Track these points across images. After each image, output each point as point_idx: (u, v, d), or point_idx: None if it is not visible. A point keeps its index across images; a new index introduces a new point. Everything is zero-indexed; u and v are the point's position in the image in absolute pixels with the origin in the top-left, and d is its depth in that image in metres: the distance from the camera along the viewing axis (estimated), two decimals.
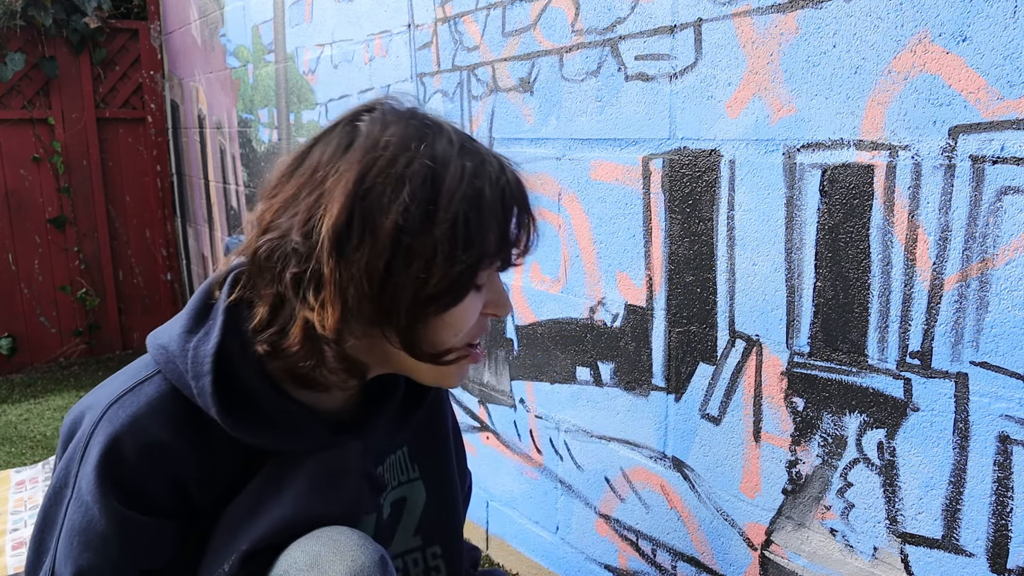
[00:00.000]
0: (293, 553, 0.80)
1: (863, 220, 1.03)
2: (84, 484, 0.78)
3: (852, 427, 1.09)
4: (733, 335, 1.24)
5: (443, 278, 0.76)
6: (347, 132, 0.80)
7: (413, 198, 0.74)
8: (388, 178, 0.75)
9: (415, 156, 0.76)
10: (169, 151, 4.01)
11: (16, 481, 2.52)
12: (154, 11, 3.85)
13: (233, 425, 0.80)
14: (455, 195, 0.75)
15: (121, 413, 0.78)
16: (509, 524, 1.86)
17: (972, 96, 0.91)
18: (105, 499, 0.77)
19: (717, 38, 1.18)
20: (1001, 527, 0.94)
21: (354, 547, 0.79)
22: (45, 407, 3.22)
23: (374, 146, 0.76)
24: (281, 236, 0.77)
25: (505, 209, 0.80)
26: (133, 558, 0.80)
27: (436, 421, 1.06)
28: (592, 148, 1.45)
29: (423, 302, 0.77)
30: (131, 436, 0.77)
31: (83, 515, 0.78)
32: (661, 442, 1.41)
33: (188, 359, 0.80)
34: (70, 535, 0.79)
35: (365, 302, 0.76)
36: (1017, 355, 0.90)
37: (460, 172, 0.77)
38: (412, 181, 0.74)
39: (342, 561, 0.78)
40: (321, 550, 0.79)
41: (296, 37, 2.52)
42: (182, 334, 0.82)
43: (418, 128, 0.79)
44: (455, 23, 1.75)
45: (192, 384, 0.79)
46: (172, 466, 0.79)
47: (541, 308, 1.64)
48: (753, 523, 1.26)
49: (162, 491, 0.80)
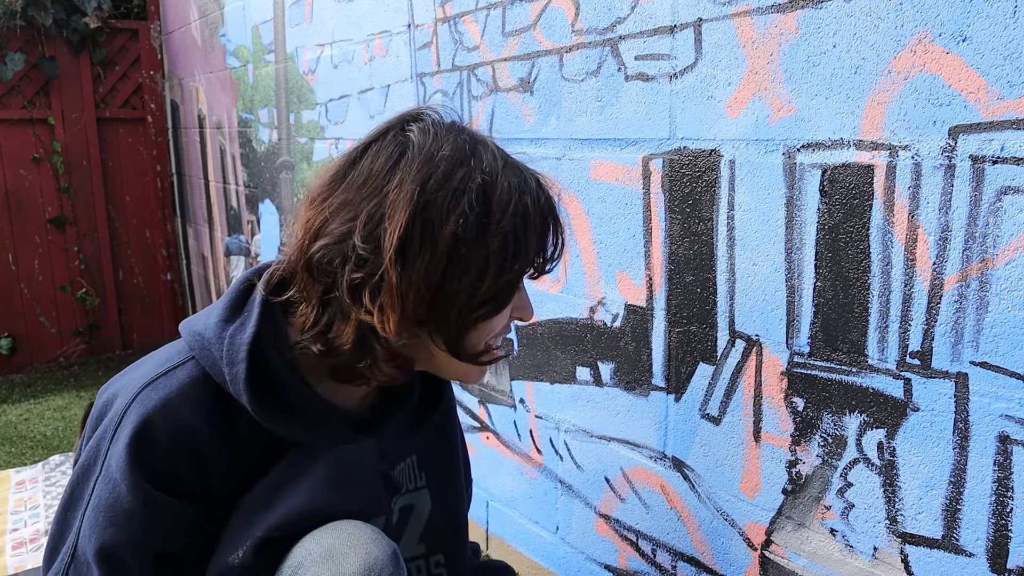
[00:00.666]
0: (308, 544, 0.81)
1: (863, 220, 1.03)
2: (114, 462, 0.80)
3: (852, 427, 1.09)
4: (733, 335, 1.24)
5: (492, 286, 0.81)
6: (398, 142, 0.83)
7: (471, 210, 0.78)
8: (447, 191, 0.79)
9: (469, 170, 0.80)
10: (169, 151, 4.01)
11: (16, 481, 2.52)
12: (154, 11, 3.85)
13: (263, 414, 0.82)
14: (507, 210, 0.80)
15: (154, 395, 0.81)
16: (509, 524, 1.86)
17: (972, 96, 0.91)
18: (133, 477, 0.79)
19: (717, 38, 1.18)
20: (1001, 527, 0.94)
21: (368, 541, 0.81)
22: (45, 407, 3.22)
23: (430, 159, 0.80)
24: (338, 242, 0.79)
25: (544, 223, 0.86)
26: (154, 538, 0.81)
27: (446, 431, 1.08)
28: (592, 148, 1.45)
29: (473, 308, 0.82)
30: (163, 418, 0.80)
31: (111, 491, 0.80)
32: (661, 442, 1.41)
33: (224, 347, 0.82)
34: (96, 510, 0.81)
35: (422, 307, 0.79)
36: (1017, 355, 0.90)
37: (509, 187, 0.82)
38: (468, 195, 0.79)
39: (356, 554, 0.79)
40: (335, 542, 0.80)
41: (296, 37, 2.52)
42: (219, 323, 0.84)
43: (468, 143, 0.83)
44: (455, 23, 1.75)
45: (226, 371, 0.82)
46: (200, 450, 0.82)
47: (541, 308, 1.64)
48: (753, 523, 1.26)
49: (188, 474, 0.82)
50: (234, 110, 3.15)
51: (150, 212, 3.99)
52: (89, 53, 3.65)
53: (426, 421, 1.02)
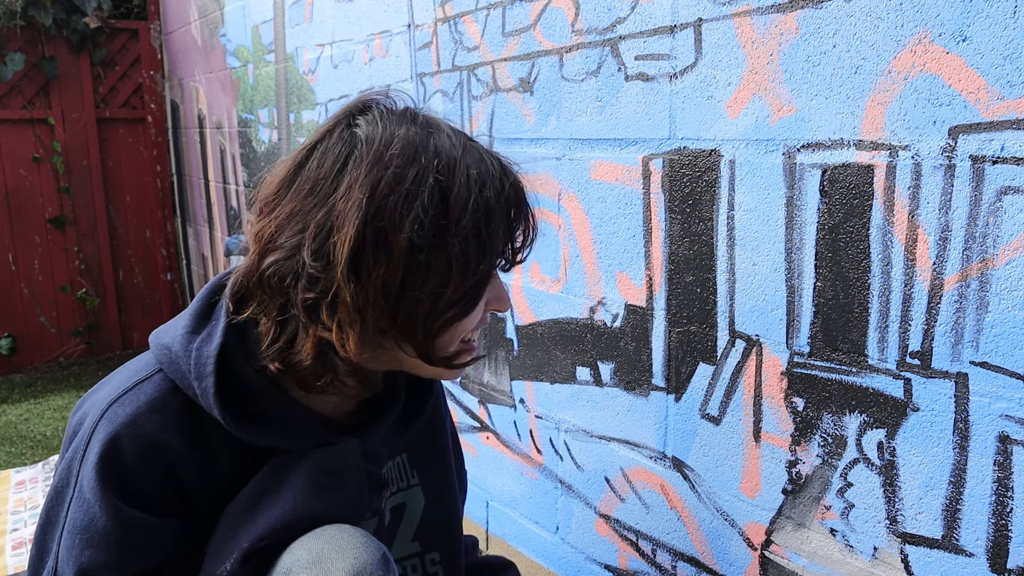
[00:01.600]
0: (296, 551, 0.80)
1: (863, 220, 1.03)
2: (85, 482, 0.78)
3: (852, 427, 1.09)
4: (733, 335, 1.24)
5: (458, 289, 0.77)
6: (345, 140, 0.78)
7: (425, 214, 0.73)
8: (399, 195, 0.74)
9: (422, 169, 0.75)
10: (169, 151, 4.01)
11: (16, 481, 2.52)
12: (154, 11, 3.85)
13: (235, 426, 0.80)
14: (466, 207, 0.75)
15: (121, 412, 0.79)
16: (509, 524, 1.86)
17: (972, 96, 0.91)
18: (106, 496, 0.77)
19: (717, 38, 1.18)
20: (1001, 527, 0.94)
21: (357, 545, 0.79)
22: (45, 407, 3.22)
23: (379, 160, 0.75)
24: (288, 257, 0.76)
25: (510, 213, 0.80)
26: (134, 556, 0.80)
27: (435, 428, 1.06)
28: (592, 148, 1.45)
29: (440, 313, 0.78)
30: (130, 435, 0.78)
31: (84, 513, 0.78)
32: (661, 442, 1.41)
33: (191, 360, 0.80)
34: (72, 533, 0.79)
35: (383, 319, 0.76)
36: (1017, 355, 0.90)
37: (467, 182, 0.76)
38: (422, 197, 0.74)
39: (344, 559, 0.78)
40: (324, 547, 0.79)
41: (296, 37, 2.52)
42: (185, 335, 0.82)
43: (419, 135, 0.77)
44: (455, 23, 1.75)
45: (195, 385, 0.79)
46: (171, 464, 0.80)
47: (541, 308, 1.64)
48: (753, 523, 1.26)
49: (161, 489, 0.80)
50: (234, 110, 3.15)
51: (150, 212, 3.99)
52: (89, 53, 3.65)
53: (415, 419, 0.99)
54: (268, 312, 0.79)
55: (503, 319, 1.75)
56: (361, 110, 0.81)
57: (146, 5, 3.83)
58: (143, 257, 3.99)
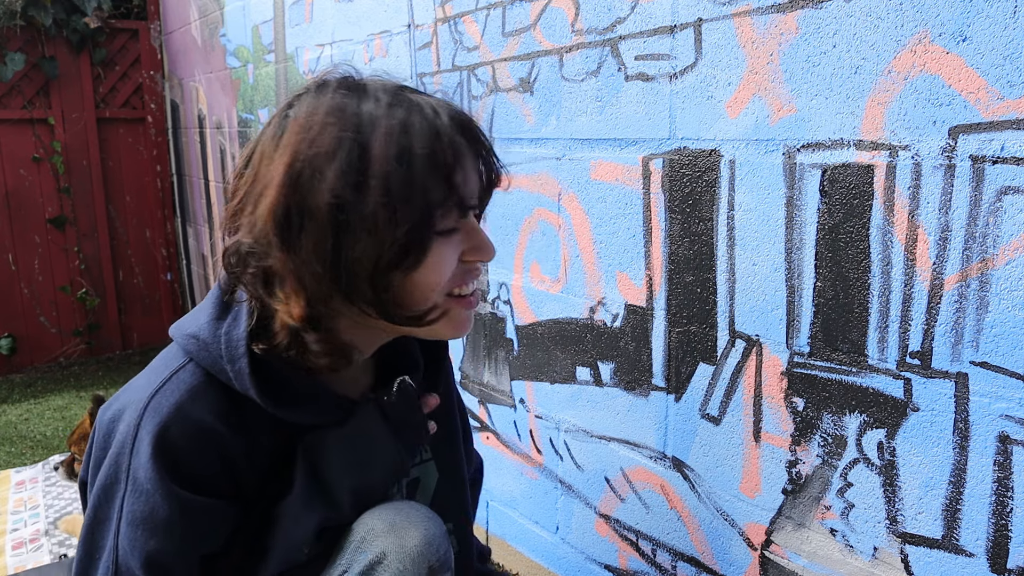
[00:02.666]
0: (369, 520, 0.87)
1: (863, 220, 1.03)
2: (141, 474, 0.79)
3: (852, 427, 1.09)
4: (733, 335, 1.24)
5: (393, 243, 0.75)
6: (281, 121, 0.80)
7: (340, 173, 0.73)
8: (315, 159, 0.74)
9: (339, 130, 0.75)
10: (169, 151, 4.01)
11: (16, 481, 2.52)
12: (154, 11, 3.85)
13: (272, 404, 0.82)
14: (382, 159, 0.74)
15: (164, 402, 0.80)
16: (509, 524, 1.86)
17: (972, 96, 0.91)
18: (164, 484, 0.79)
19: (717, 38, 1.18)
20: (1001, 527, 0.94)
21: (425, 518, 0.88)
22: (45, 407, 3.22)
23: (299, 130, 0.76)
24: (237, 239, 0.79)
25: (444, 156, 0.77)
26: (196, 540, 0.82)
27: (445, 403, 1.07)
28: (592, 148, 1.45)
29: (383, 270, 0.77)
30: (179, 422, 0.80)
31: (144, 503, 0.80)
32: (661, 442, 1.41)
33: (222, 344, 0.81)
34: (133, 525, 0.80)
35: (325, 283, 0.76)
36: (1017, 355, 0.90)
37: (386, 134, 0.75)
38: (339, 156, 0.74)
39: (417, 528, 0.86)
40: (396, 517, 0.87)
41: (296, 37, 2.52)
42: (211, 322, 0.84)
43: (340, 100, 0.77)
44: (455, 23, 1.75)
45: (228, 368, 0.81)
46: (220, 446, 0.82)
47: (541, 308, 1.64)
48: (753, 523, 1.26)
49: (214, 472, 0.82)
50: (234, 110, 3.15)
51: (150, 212, 3.99)
52: (89, 53, 3.65)
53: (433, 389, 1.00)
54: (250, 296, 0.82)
55: (503, 319, 1.75)
56: (298, 94, 0.82)
57: (146, 5, 3.83)
58: (143, 257, 3.99)
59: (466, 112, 0.83)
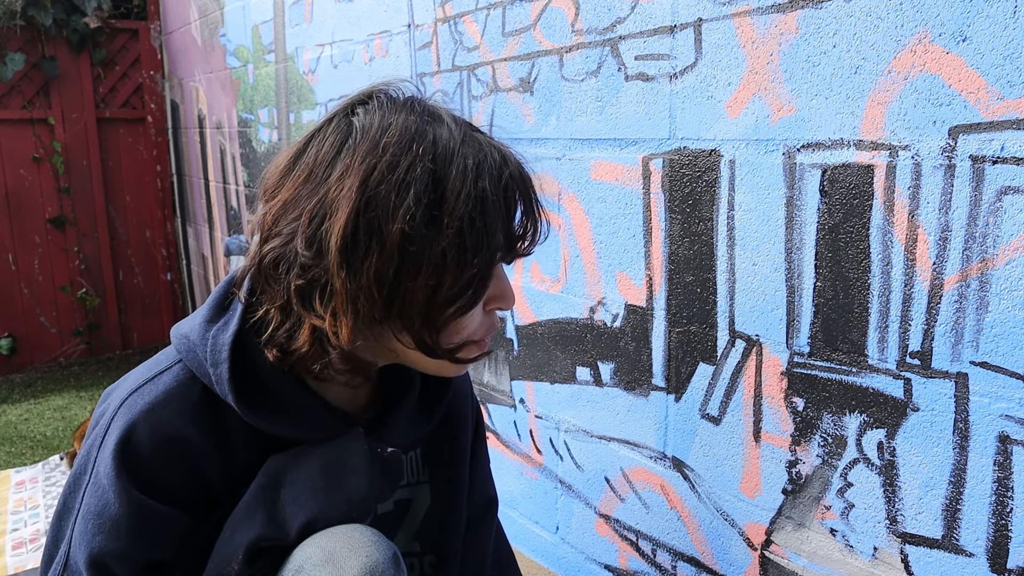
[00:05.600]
0: (307, 548, 0.80)
1: (863, 220, 1.03)
2: (102, 468, 0.79)
3: (852, 427, 1.09)
4: (733, 335, 1.24)
5: (455, 282, 0.75)
6: (342, 128, 0.78)
7: (418, 204, 0.72)
8: (391, 184, 0.73)
9: (416, 158, 0.73)
10: (169, 151, 4.01)
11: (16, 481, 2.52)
12: (154, 11, 3.85)
13: (248, 412, 0.80)
14: (460, 197, 0.73)
15: (139, 401, 0.80)
16: (509, 524, 1.86)
17: (972, 96, 0.91)
18: (120, 483, 0.78)
19: (717, 38, 1.18)
20: (1001, 527, 0.94)
21: (369, 544, 0.79)
22: (45, 407, 3.22)
23: (374, 148, 0.74)
24: (284, 244, 0.76)
25: (509, 205, 0.78)
26: (145, 546, 0.80)
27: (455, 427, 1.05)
28: (592, 148, 1.45)
29: (440, 306, 0.76)
30: (147, 423, 0.79)
31: (99, 499, 0.79)
32: (661, 442, 1.41)
33: (208, 347, 0.81)
34: (86, 518, 0.80)
35: (377, 309, 0.75)
36: (1017, 355, 0.90)
37: (463, 172, 0.74)
38: (416, 186, 0.72)
39: (357, 557, 0.78)
40: (336, 545, 0.79)
41: (296, 37, 2.52)
42: (203, 323, 0.83)
43: (416, 124, 0.76)
44: (455, 23, 1.75)
45: (211, 371, 0.80)
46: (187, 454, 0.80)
47: (541, 308, 1.64)
48: (753, 523, 1.26)
49: (178, 480, 0.81)
50: (234, 110, 3.15)
51: (150, 212, 3.99)
52: (89, 53, 3.65)
53: (435, 413, 0.99)
54: (272, 300, 0.80)
55: (503, 318, 1.75)
56: (362, 100, 0.80)
57: (146, 5, 3.83)
58: (143, 257, 3.99)
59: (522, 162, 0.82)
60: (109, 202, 3.84)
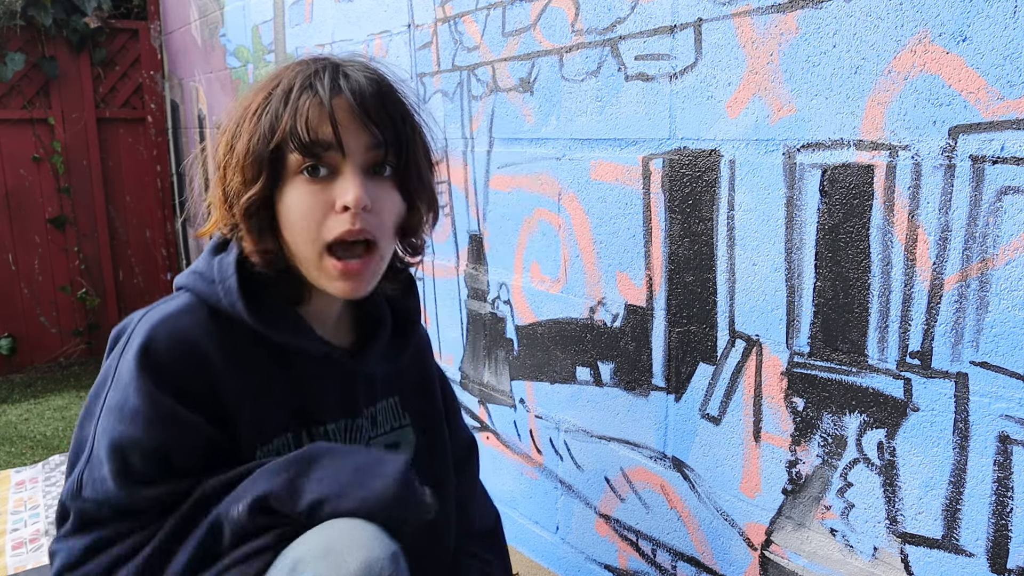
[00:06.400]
0: (310, 539, 0.81)
1: (863, 220, 1.03)
2: (123, 369, 0.86)
3: (852, 427, 1.09)
4: (733, 335, 1.24)
5: (240, 163, 0.89)
6: None
7: (240, 121, 0.91)
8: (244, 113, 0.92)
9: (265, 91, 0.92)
10: (169, 151, 4.01)
11: (16, 481, 2.52)
12: (154, 11, 3.84)
13: (257, 319, 0.90)
14: (266, 100, 0.90)
15: (155, 315, 0.90)
16: (509, 524, 1.86)
17: (972, 96, 0.91)
18: (140, 379, 0.85)
19: (717, 38, 1.18)
20: (1001, 527, 0.94)
21: (370, 539, 0.80)
22: (45, 407, 3.22)
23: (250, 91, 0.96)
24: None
25: (284, 98, 0.89)
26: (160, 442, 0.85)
27: (421, 367, 1.15)
28: (592, 148, 1.45)
29: (238, 193, 0.90)
30: (166, 329, 0.88)
31: (120, 393, 0.86)
32: (661, 442, 1.41)
33: (214, 269, 0.92)
34: (108, 412, 0.86)
35: (225, 214, 0.92)
36: (1017, 355, 0.90)
37: (276, 84, 0.91)
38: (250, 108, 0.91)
39: (357, 552, 0.78)
40: (337, 539, 0.80)
41: (296, 37, 2.52)
42: (207, 254, 0.96)
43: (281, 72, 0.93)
44: (455, 23, 1.75)
45: (219, 288, 0.90)
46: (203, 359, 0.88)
47: (541, 308, 1.64)
48: (753, 523, 1.26)
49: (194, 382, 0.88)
50: None
51: (150, 212, 3.99)
52: (89, 53, 3.65)
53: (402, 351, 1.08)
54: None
55: (503, 319, 1.75)
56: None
57: (146, 5, 3.83)
58: (143, 257, 3.99)
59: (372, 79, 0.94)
60: (109, 202, 3.84)
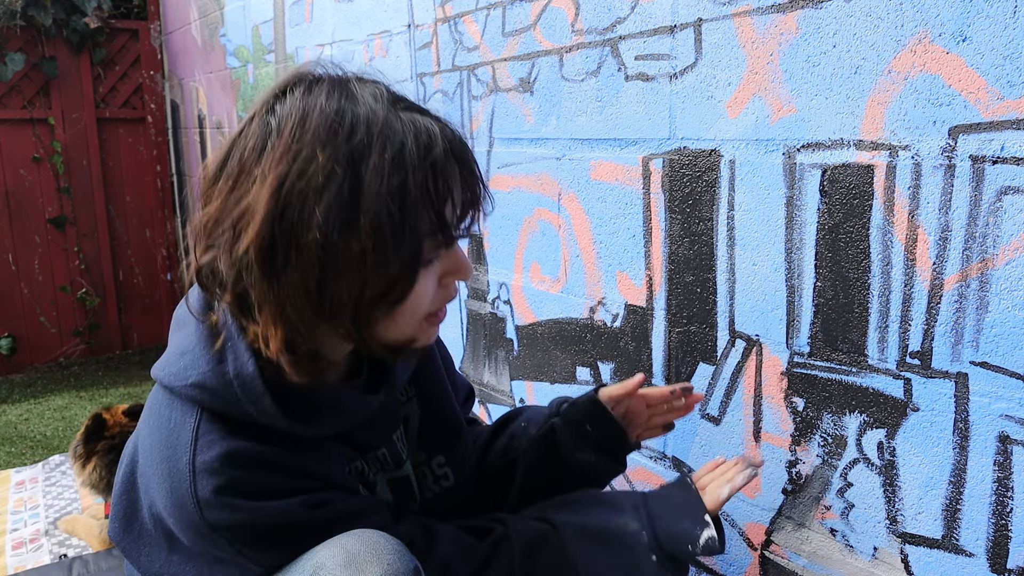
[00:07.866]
0: (330, 547, 0.80)
1: (863, 220, 1.03)
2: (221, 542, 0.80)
3: (852, 427, 1.09)
4: (733, 335, 1.24)
5: (380, 281, 0.74)
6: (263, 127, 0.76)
7: (330, 208, 0.71)
8: (304, 191, 0.71)
9: (329, 159, 0.71)
10: (169, 151, 4.01)
11: (16, 481, 2.52)
12: (154, 11, 3.85)
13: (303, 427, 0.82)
14: (375, 195, 0.72)
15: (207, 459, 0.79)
16: None
17: (972, 96, 0.91)
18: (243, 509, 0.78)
19: (717, 38, 1.18)
20: (1001, 527, 0.94)
21: (392, 552, 0.79)
22: (45, 407, 3.22)
23: (287, 148, 0.72)
24: (213, 257, 0.76)
25: (438, 189, 0.76)
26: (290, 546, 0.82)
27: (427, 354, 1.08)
28: (592, 148, 1.45)
29: (368, 305, 0.76)
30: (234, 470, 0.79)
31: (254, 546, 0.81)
32: (661, 442, 1.41)
33: (235, 388, 0.79)
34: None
35: (307, 315, 0.75)
36: (1017, 355, 0.90)
37: (379, 168, 0.72)
38: (328, 191, 0.71)
39: (379, 563, 0.77)
40: (360, 549, 0.78)
41: (296, 37, 2.52)
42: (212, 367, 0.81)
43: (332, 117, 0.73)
44: (455, 23, 1.75)
45: (251, 408, 0.80)
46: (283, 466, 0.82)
47: (541, 308, 1.64)
48: (753, 523, 1.26)
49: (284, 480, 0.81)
50: (234, 110, 3.15)
51: (150, 212, 3.99)
52: (89, 53, 3.65)
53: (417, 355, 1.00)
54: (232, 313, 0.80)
55: (503, 319, 1.75)
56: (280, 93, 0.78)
57: (146, 5, 3.83)
58: (143, 257, 3.99)
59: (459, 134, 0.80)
60: (109, 202, 3.84)
